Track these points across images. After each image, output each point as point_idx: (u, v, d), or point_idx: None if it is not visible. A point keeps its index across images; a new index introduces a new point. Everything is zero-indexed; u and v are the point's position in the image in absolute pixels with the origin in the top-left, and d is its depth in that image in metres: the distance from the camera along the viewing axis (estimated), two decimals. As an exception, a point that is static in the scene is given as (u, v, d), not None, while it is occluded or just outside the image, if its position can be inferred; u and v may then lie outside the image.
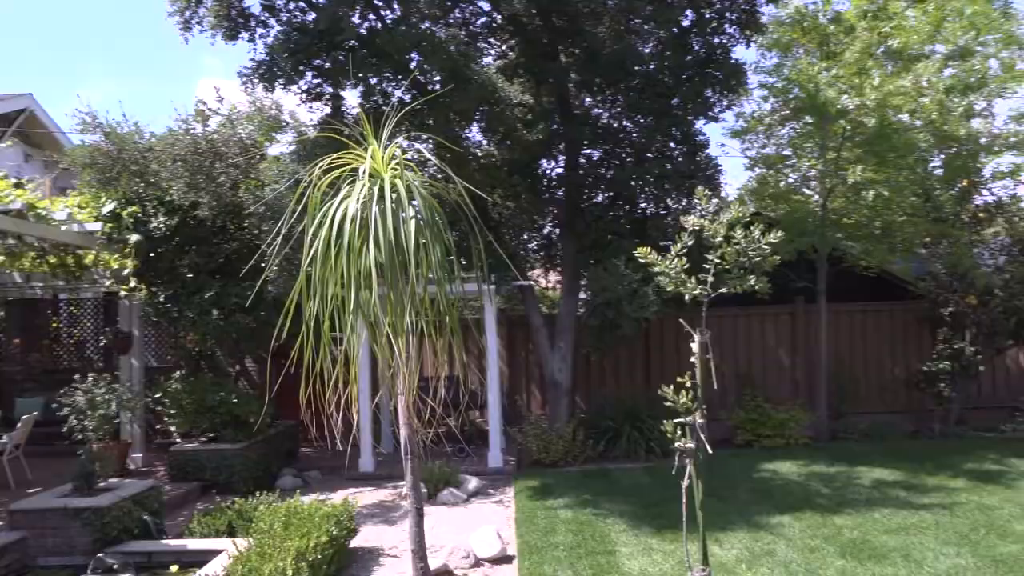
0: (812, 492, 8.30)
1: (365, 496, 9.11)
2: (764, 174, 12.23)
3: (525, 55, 10.73)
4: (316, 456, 11.70)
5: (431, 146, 10.81)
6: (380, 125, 9.76)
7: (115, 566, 6.05)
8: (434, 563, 6.01)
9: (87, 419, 9.38)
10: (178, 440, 9.91)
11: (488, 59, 10.94)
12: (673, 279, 4.57)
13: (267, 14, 9.40)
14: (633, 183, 10.60)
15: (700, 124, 10.92)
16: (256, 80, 8.85)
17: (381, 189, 4.12)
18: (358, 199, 3.96)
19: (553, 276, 15.08)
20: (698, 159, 10.68)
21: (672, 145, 10.82)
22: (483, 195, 9.09)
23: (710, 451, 4.23)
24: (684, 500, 4.33)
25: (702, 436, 4.19)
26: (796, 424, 11.04)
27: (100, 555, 6.06)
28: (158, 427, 10.72)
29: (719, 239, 4.43)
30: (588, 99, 11.53)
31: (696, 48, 10.44)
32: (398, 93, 9.77)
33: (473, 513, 8.14)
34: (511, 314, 12.92)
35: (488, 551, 6.40)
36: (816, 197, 11.52)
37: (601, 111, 11.53)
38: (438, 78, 9.40)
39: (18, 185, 8.13)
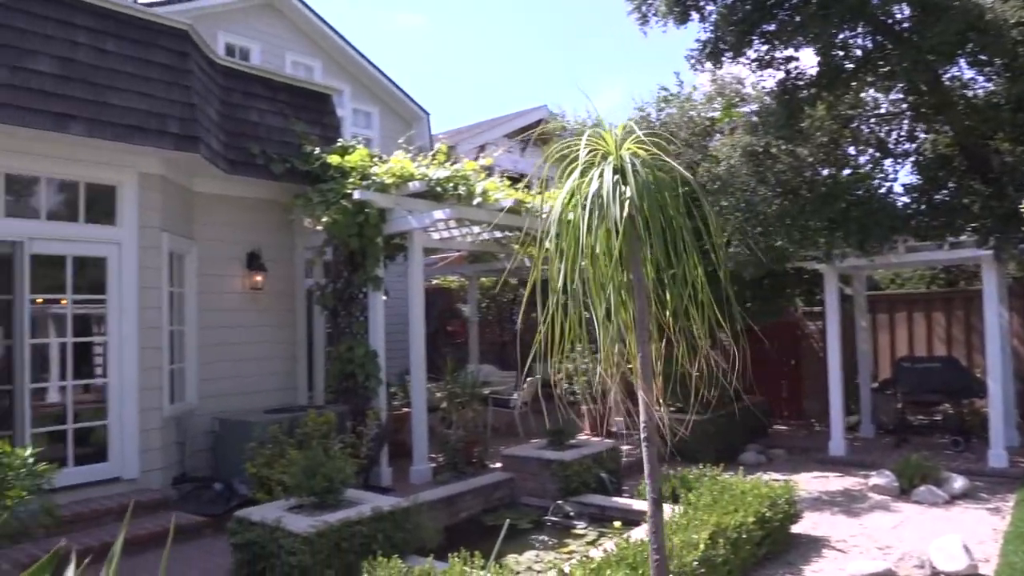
0: None
1: (829, 482, 8.52)
2: None
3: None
4: (788, 435, 11.33)
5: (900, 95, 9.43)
6: (835, 80, 8.91)
7: (571, 513, 6.90)
8: (878, 565, 5.37)
9: (575, 383, 10.78)
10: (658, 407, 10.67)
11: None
12: None
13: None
14: None
15: None
16: (704, 59, 8.92)
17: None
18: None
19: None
20: None
21: None
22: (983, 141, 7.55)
23: None
24: None
25: None
26: None
27: (560, 502, 6.99)
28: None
29: None
30: None
31: None
32: (861, 43, 8.79)
33: (952, 518, 6.94)
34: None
35: (950, 565, 5.41)
36: None
37: None
38: (904, 14, 8.15)
39: (513, 180, 9.73)
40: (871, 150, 9.87)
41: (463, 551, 4.67)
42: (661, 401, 3.31)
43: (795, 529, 6.53)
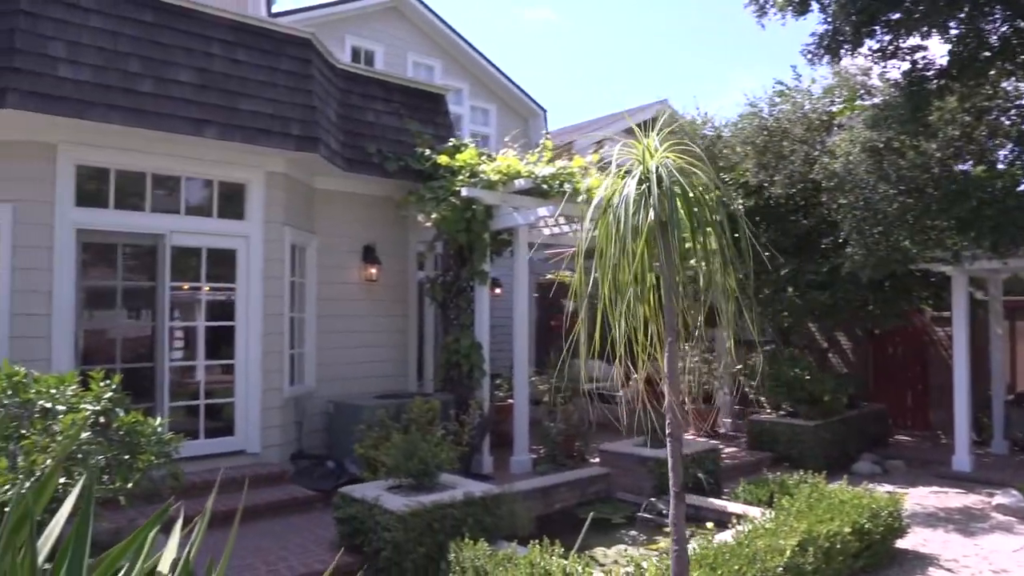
0: None
1: (948, 498, 8.04)
2: None
3: None
4: (910, 445, 10.73)
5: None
6: (968, 70, 8.37)
7: (664, 511, 6.88)
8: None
9: (681, 382, 10.67)
10: (769, 411, 10.44)
11: None
12: None
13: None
14: None
15: None
16: (821, 52, 8.59)
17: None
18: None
19: None
20: None
21: None
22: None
23: None
24: None
25: None
26: None
27: (653, 499, 7.00)
28: (752, 397, 11.40)
29: None
30: None
31: None
32: (998, 29, 8.19)
33: (1085, 545, 6.41)
34: None
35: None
36: None
37: None
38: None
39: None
40: (1011, 144, 9.16)
41: (545, 539, 4.83)
42: (687, 400, 3.35)
43: (901, 544, 6.25)
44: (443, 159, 8.78)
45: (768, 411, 10.64)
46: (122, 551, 2.56)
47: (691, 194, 3.03)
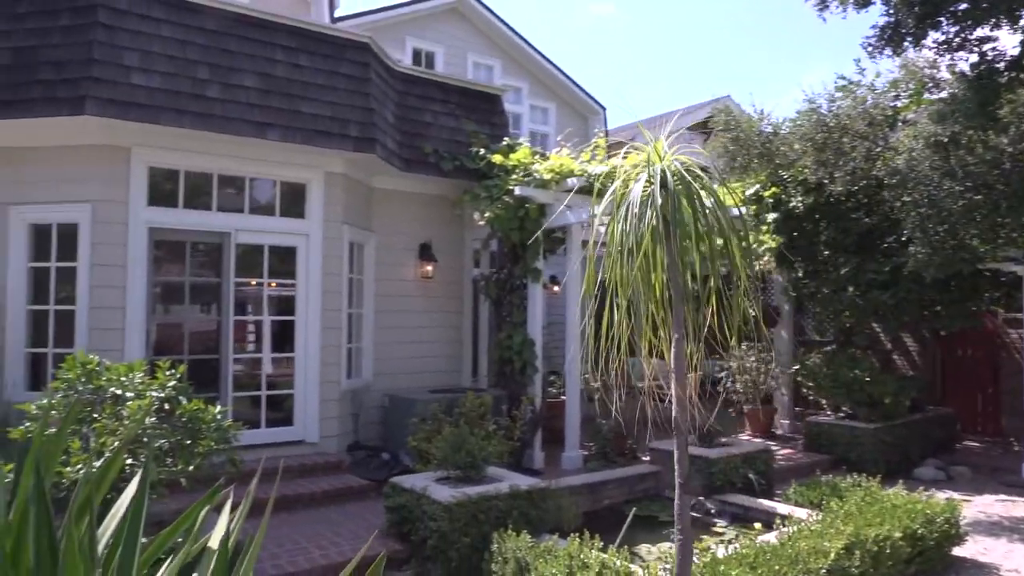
0: None
1: (1015, 507, 7.75)
2: None
3: None
4: (978, 452, 10.35)
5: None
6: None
7: (712, 510, 6.88)
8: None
9: (736, 382, 10.56)
10: (828, 413, 10.25)
11: None
12: None
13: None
14: None
15: None
16: (882, 45, 8.38)
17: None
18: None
19: None
20: None
21: None
22: None
23: None
24: None
25: None
26: None
27: (701, 498, 6.98)
28: (811, 398, 11.18)
29: None
30: None
31: None
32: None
33: None
34: None
35: None
36: None
37: None
38: None
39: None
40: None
41: (587, 533, 4.91)
42: (694, 397, 3.38)
43: (958, 552, 6.09)
44: (497, 158, 8.92)
45: (828, 413, 10.43)
46: (174, 530, 2.78)
47: (697, 196, 3.06)
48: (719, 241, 3.17)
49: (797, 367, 10.38)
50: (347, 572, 1.98)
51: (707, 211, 3.11)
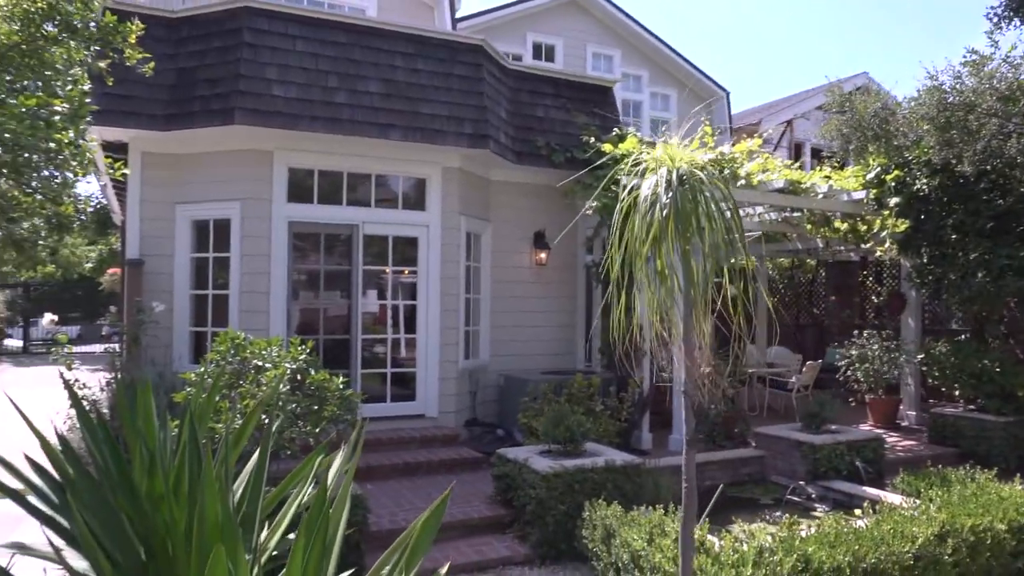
0: None
1: None
2: None
3: None
4: None
5: None
6: None
7: (813, 495, 6.93)
8: None
9: (858, 371, 10.30)
10: (959, 404, 9.81)
11: None
12: None
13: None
14: None
15: None
16: (1009, 15, 7.95)
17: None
18: None
19: None
20: None
21: None
22: None
23: None
24: None
25: None
26: None
27: (803, 483, 7.04)
28: (943, 389, 10.71)
29: None
30: None
31: None
32: None
33: None
34: None
35: None
36: None
37: None
38: None
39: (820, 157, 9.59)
40: None
41: (672, 506, 5.20)
42: (709, 366, 3.56)
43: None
44: (607, 147, 9.21)
45: (958, 404, 9.96)
46: (291, 480, 3.42)
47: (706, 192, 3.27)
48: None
49: (922, 356, 10.00)
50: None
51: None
